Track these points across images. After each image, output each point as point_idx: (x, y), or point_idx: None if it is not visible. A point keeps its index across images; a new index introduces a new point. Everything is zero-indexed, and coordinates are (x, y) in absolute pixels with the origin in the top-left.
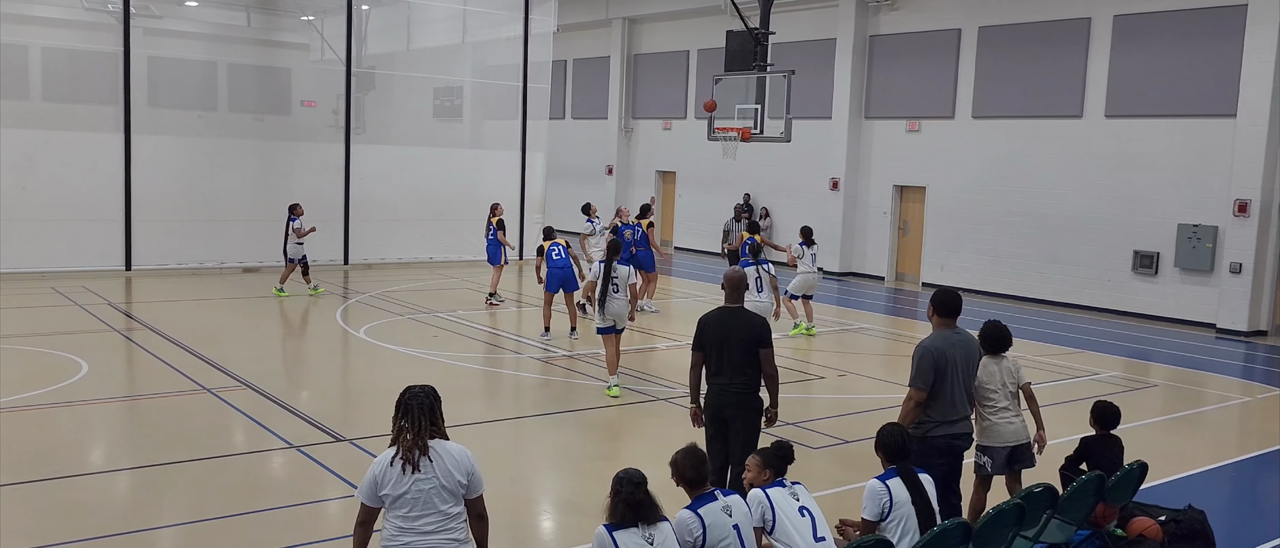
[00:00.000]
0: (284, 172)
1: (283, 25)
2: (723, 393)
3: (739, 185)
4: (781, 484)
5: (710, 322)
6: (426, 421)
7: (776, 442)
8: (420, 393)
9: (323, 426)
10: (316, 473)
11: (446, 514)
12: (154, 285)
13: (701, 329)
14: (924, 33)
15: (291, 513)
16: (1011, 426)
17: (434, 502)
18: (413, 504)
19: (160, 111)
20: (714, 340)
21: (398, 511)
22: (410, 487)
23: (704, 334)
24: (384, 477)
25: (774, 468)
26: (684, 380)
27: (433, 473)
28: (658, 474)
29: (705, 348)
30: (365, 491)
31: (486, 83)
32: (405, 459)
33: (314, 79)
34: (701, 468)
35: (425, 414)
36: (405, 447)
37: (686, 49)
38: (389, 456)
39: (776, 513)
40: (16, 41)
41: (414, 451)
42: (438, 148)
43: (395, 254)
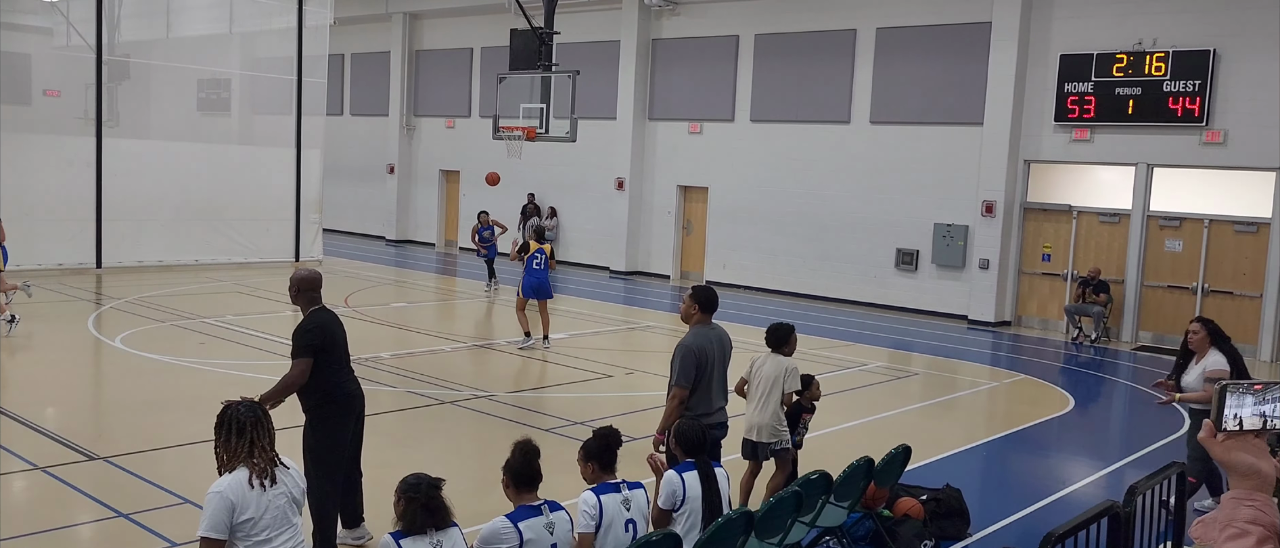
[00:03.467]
0: (24, 166)
1: (20, 6)
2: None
3: (525, 185)
4: (617, 489)
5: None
6: (266, 435)
7: (599, 429)
8: (246, 409)
9: (72, 443)
10: (65, 496)
11: (296, 527)
12: None
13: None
14: (704, 38)
15: (36, 541)
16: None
17: (288, 515)
18: (269, 525)
19: None
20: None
21: (254, 535)
22: (268, 505)
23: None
24: (242, 500)
25: (598, 459)
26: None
27: (284, 486)
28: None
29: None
30: (215, 522)
31: (257, 75)
32: (262, 475)
33: (58, 67)
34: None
35: (261, 428)
36: (260, 465)
37: (470, 47)
38: (240, 478)
39: (603, 523)
40: None
41: (272, 466)
42: (203, 143)
43: (155, 256)
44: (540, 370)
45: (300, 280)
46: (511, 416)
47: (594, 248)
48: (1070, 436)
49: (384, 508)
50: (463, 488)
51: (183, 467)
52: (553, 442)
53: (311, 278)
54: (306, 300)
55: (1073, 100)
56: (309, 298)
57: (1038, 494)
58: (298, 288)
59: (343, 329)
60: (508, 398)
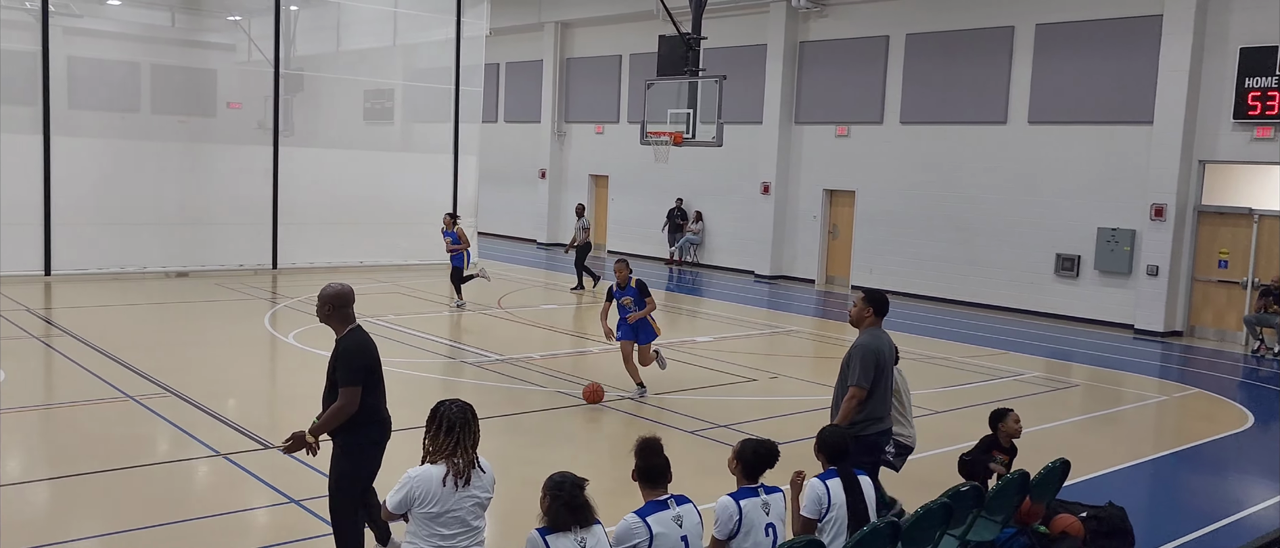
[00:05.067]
0: (209, 174)
1: (208, 26)
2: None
3: (671, 189)
4: (755, 494)
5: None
6: (471, 437)
7: (761, 439)
8: (459, 409)
9: (250, 432)
10: (243, 481)
11: (477, 530)
12: (74, 290)
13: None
14: (852, 39)
15: (217, 522)
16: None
17: (468, 519)
18: (453, 523)
19: (80, 113)
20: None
21: (438, 529)
22: (457, 504)
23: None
24: (429, 493)
25: (746, 466)
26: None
27: (476, 489)
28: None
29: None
30: (399, 501)
31: (418, 85)
32: (459, 475)
33: (240, 81)
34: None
35: (469, 430)
36: (460, 465)
37: (619, 53)
38: (437, 473)
39: (742, 527)
40: None
41: (470, 468)
42: (368, 151)
43: (324, 258)
44: (685, 373)
45: (333, 296)
46: (656, 417)
47: (739, 252)
48: (1248, 455)
49: (530, 505)
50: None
51: None
52: (695, 444)
53: (345, 293)
54: (340, 318)
55: (1253, 96)
56: (343, 315)
57: (1210, 516)
58: (331, 304)
59: (377, 349)
60: (652, 400)
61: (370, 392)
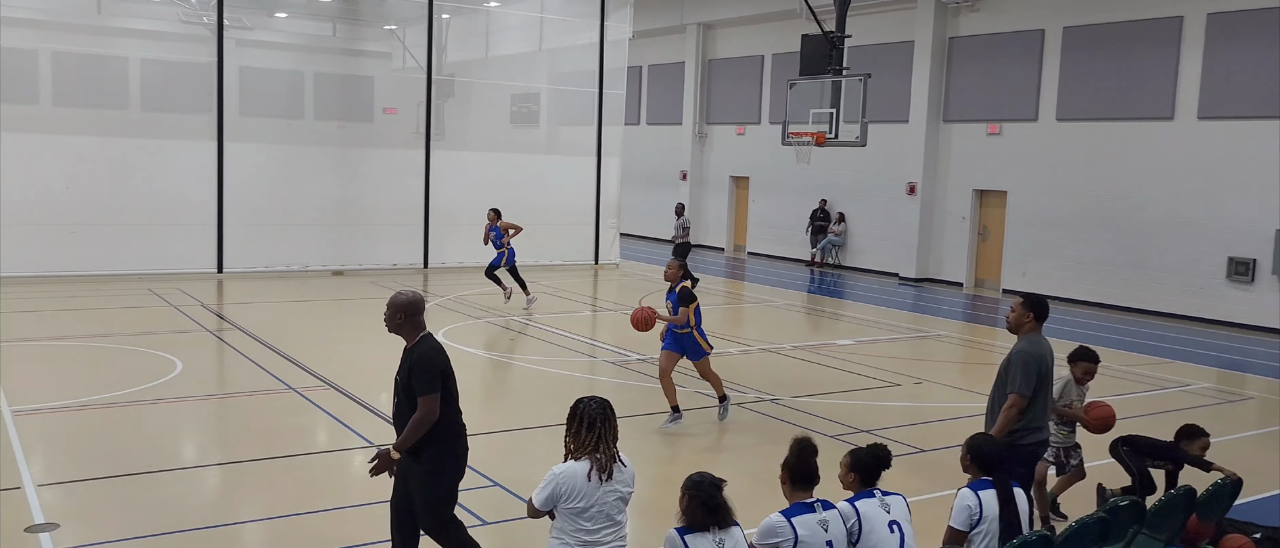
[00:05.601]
0: (365, 177)
1: (366, 35)
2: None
3: (813, 191)
4: (872, 495)
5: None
6: (612, 432)
7: (873, 444)
8: (598, 405)
9: None
10: None
11: (620, 524)
12: (244, 287)
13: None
14: (1006, 34)
15: (370, 510)
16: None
17: (612, 513)
18: (597, 517)
19: (250, 120)
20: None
21: (582, 524)
22: (600, 499)
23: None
24: (574, 489)
25: (861, 472)
26: (754, 385)
27: (618, 484)
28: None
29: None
30: (546, 497)
31: (562, 89)
32: (602, 470)
33: (396, 87)
34: (811, 465)
35: (609, 425)
36: (602, 460)
37: (761, 54)
38: (581, 468)
39: (863, 527)
40: (118, 53)
41: (612, 462)
42: (514, 154)
43: (472, 258)
44: (825, 377)
45: (406, 305)
46: (795, 420)
47: (883, 254)
48: None
49: (669, 504)
50: (744, 489)
51: (491, 452)
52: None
53: (417, 301)
54: (412, 327)
55: None
56: (414, 324)
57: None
58: (404, 313)
59: (448, 357)
60: (793, 402)
61: (448, 402)
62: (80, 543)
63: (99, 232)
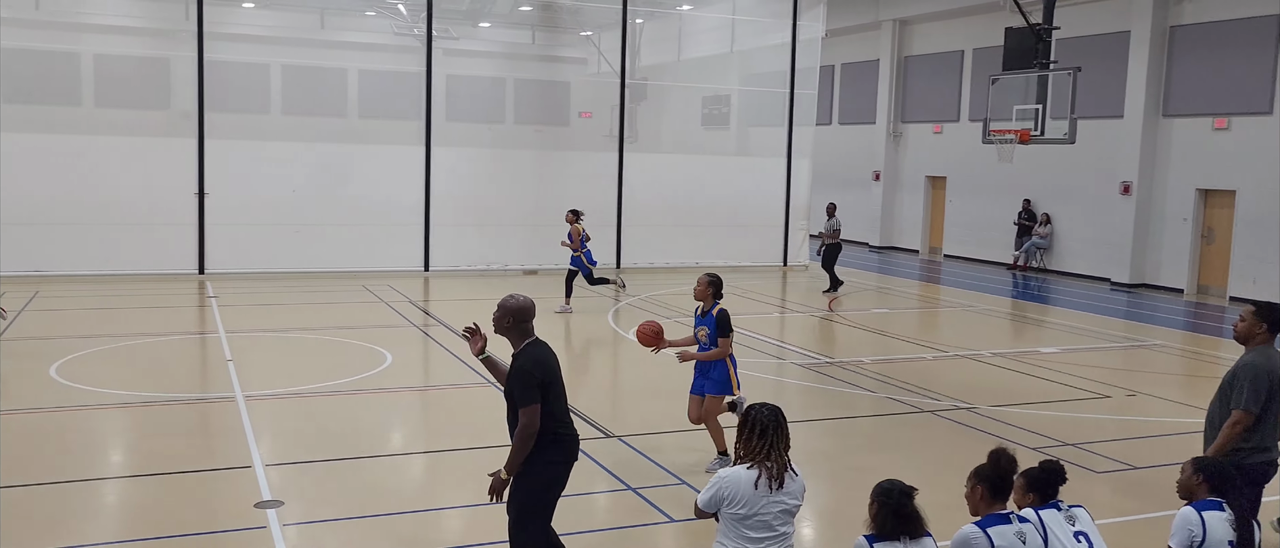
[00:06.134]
0: (561, 179)
1: (563, 41)
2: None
3: (1016, 191)
4: (1056, 506)
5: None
6: (783, 441)
7: (1043, 461)
8: (770, 412)
9: (594, 422)
10: (586, 467)
11: (784, 536)
12: (447, 285)
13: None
14: (1235, 21)
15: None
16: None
17: (775, 524)
18: (761, 526)
19: (455, 125)
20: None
21: (745, 532)
22: (762, 507)
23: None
24: (738, 495)
25: (1039, 490)
26: (948, 392)
27: (786, 495)
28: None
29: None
30: (710, 500)
31: (753, 90)
32: (772, 478)
33: (591, 91)
34: (1006, 476)
35: (781, 434)
36: (773, 468)
37: (960, 49)
38: (749, 475)
39: (1048, 538)
40: (338, 65)
41: (783, 472)
42: (704, 156)
43: (662, 259)
44: (1027, 386)
45: (516, 310)
46: (993, 430)
47: (1093, 258)
48: None
49: (857, 511)
50: (937, 500)
51: (680, 451)
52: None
53: (526, 307)
54: (520, 333)
55: None
56: (522, 330)
57: None
58: (512, 318)
59: (558, 363)
60: (991, 411)
61: (549, 408)
62: (302, 520)
63: (320, 231)
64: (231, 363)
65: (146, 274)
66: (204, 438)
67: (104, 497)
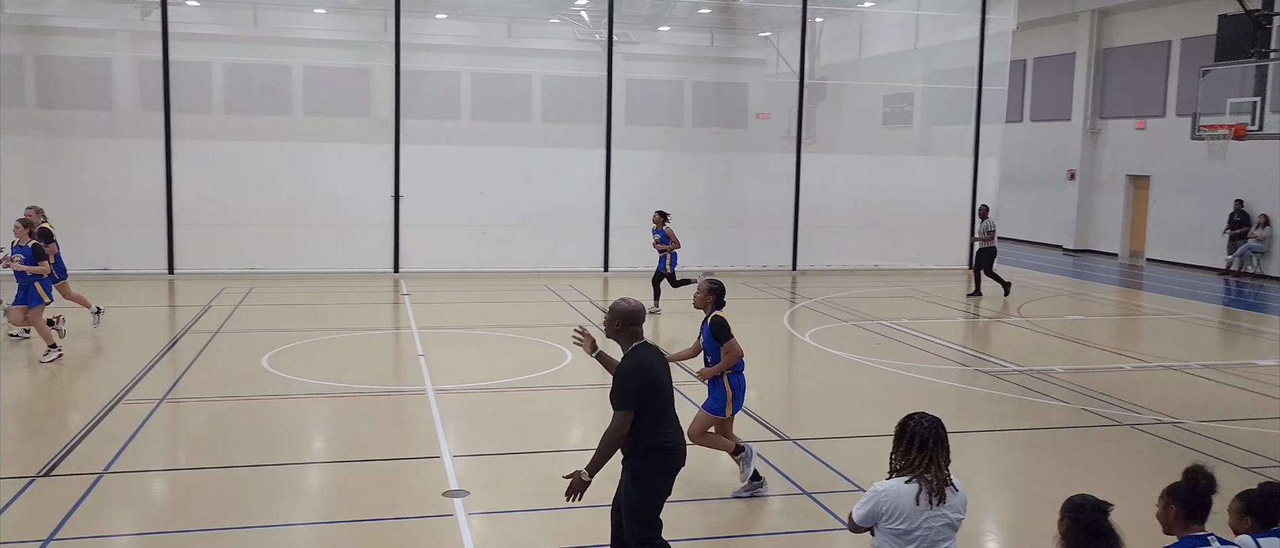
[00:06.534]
0: (737, 181)
1: (742, 43)
2: None
3: (1228, 190)
4: (1277, 534)
5: None
6: (944, 453)
7: (1264, 483)
8: (930, 424)
9: (769, 424)
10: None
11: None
12: (626, 285)
13: None
14: None
15: (738, 504)
16: None
17: (935, 540)
18: (920, 541)
19: (635, 128)
20: None
21: (906, 544)
22: (923, 522)
23: None
24: (897, 509)
25: (1259, 515)
26: (1150, 405)
27: (947, 509)
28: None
29: None
30: (867, 515)
31: (938, 87)
32: (933, 493)
33: (769, 92)
34: (1204, 495)
35: (942, 446)
36: (933, 483)
37: (1167, 39)
38: (909, 490)
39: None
40: (523, 71)
41: (944, 486)
42: (885, 156)
43: (841, 261)
44: (1240, 400)
45: (625, 313)
46: (1202, 447)
47: None
48: None
49: (1047, 526)
50: (1136, 519)
51: (856, 456)
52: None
53: (635, 310)
54: (628, 336)
55: None
56: (631, 333)
57: None
58: (621, 321)
59: (668, 369)
60: (1196, 427)
61: (651, 413)
62: (486, 510)
63: (505, 232)
64: (423, 358)
65: (347, 272)
66: (396, 428)
67: (308, 480)
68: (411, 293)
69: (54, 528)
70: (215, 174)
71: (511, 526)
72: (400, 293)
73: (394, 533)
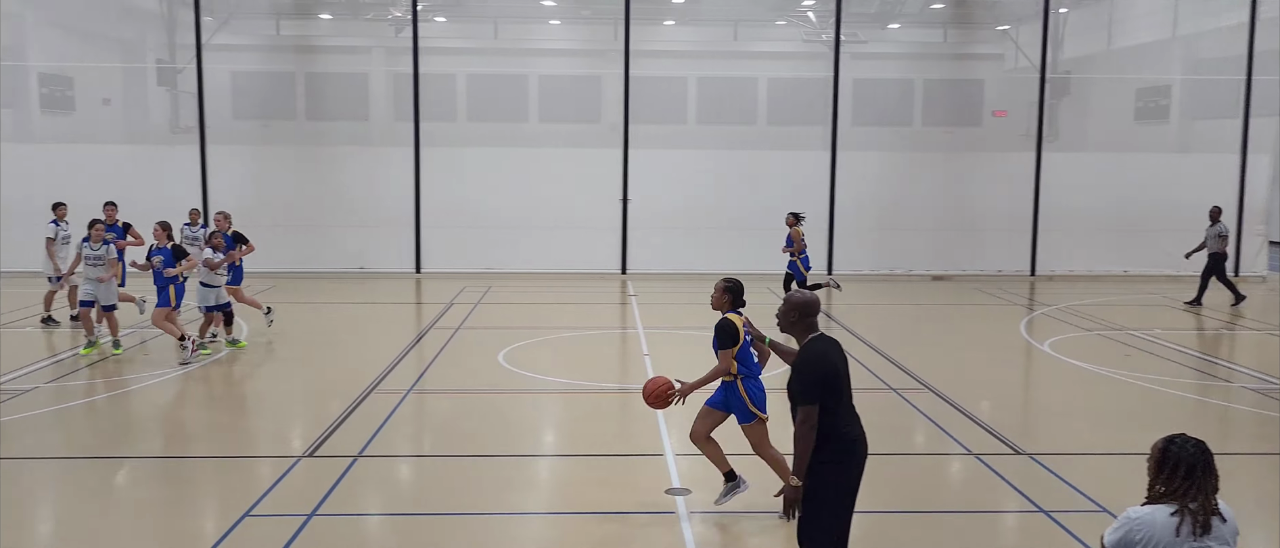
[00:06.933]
0: (971, 182)
1: (977, 37)
2: None
3: None
4: None
5: None
6: (1212, 481)
7: None
8: (1195, 448)
9: (1002, 436)
10: (993, 484)
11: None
12: (851, 288)
13: None
14: None
15: (965, 519)
16: None
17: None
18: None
19: (861, 129)
20: None
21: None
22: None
23: None
24: (1152, 538)
25: None
26: None
27: (1212, 541)
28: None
29: None
30: (1118, 541)
31: (1199, 79)
32: (1197, 524)
33: (1006, 89)
34: None
35: (1209, 472)
36: (1198, 513)
37: None
38: (1169, 519)
39: None
40: (748, 74)
41: (1211, 516)
42: (1138, 153)
43: (1085, 265)
44: None
45: (799, 304)
46: None
47: None
48: None
49: None
50: None
51: (1100, 475)
52: None
53: (811, 302)
54: (803, 328)
55: None
56: (806, 325)
57: None
58: (797, 312)
59: (845, 360)
60: None
61: (827, 408)
62: (707, 510)
63: (728, 235)
64: (648, 357)
65: (577, 273)
66: (622, 425)
67: (537, 472)
68: (638, 294)
69: (316, 504)
70: (458, 179)
71: (732, 525)
72: (627, 293)
73: (617, 527)
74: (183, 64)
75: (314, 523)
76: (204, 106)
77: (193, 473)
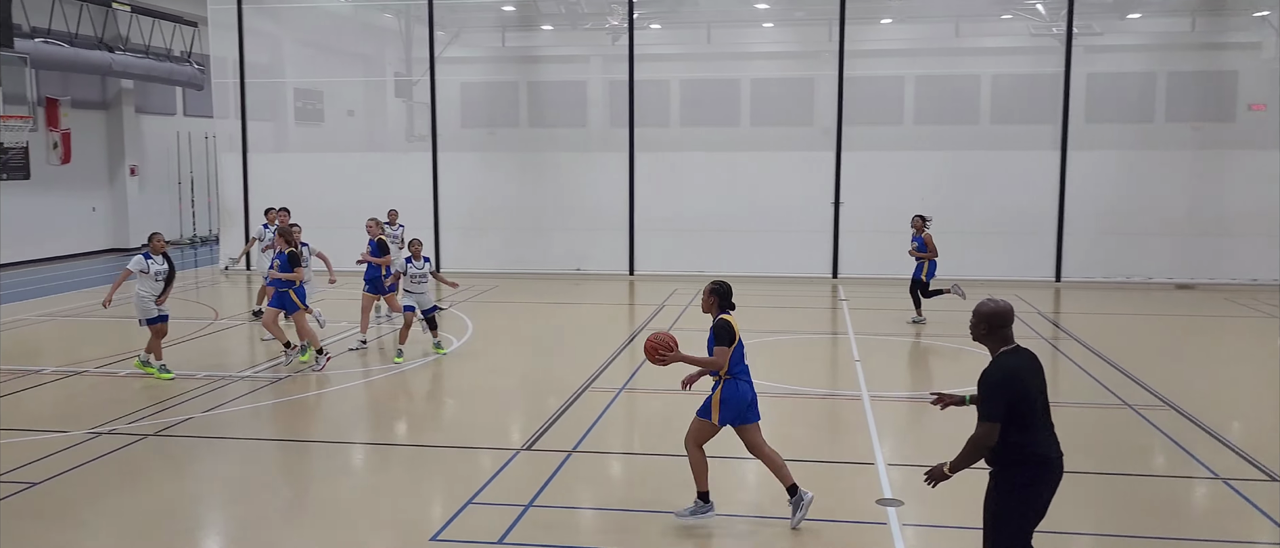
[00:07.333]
0: (1221, 181)
1: (1231, 25)
2: None
3: None
4: None
5: None
6: None
7: None
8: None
9: (1255, 461)
10: (1243, 511)
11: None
12: (1080, 297)
13: None
14: None
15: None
16: None
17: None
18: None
19: (1095, 127)
20: None
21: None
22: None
23: None
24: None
25: None
26: None
27: None
28: None
29: None
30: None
31: None
32: None
33: (1264, 80)
34: None
35: None
36: None
37: None
38: None
39: None
40: (970, 72)
41: None
42: None
43: None
44: None
45: (991, 315)
46: None
47: None
48: None
49: None
50: None
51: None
52: None
53: (1003, 311)
54: (997, 340)
55: None
56: (1000, 336)
57: None
58: (988, 323)
59: (1041, 376)
60: None
61: (1016, 425)
62: (921, 522)
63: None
64: (859, 363)
65: (788, 276)
66: (832, 432)
67: (744, 474)
68: (849, 298)
69: (533, 496)
70: (671, 183)
71: (946, 541)
72: (838, 298)
73: (829, 536)
74: (417, 76)
75: (531, 514)
76: (436, 116)
77: (422, 460)
